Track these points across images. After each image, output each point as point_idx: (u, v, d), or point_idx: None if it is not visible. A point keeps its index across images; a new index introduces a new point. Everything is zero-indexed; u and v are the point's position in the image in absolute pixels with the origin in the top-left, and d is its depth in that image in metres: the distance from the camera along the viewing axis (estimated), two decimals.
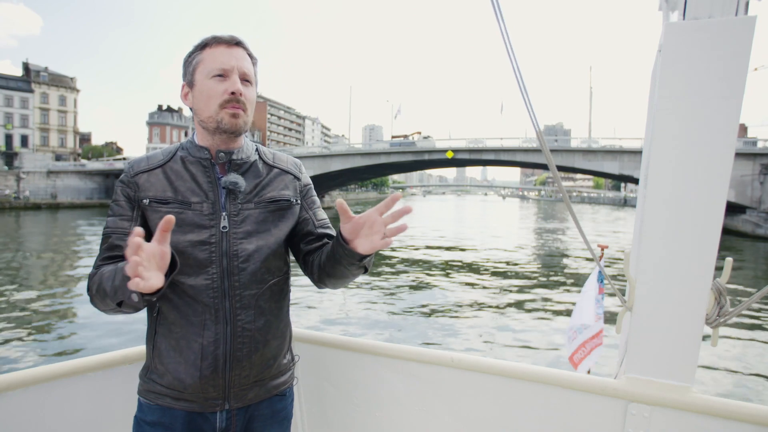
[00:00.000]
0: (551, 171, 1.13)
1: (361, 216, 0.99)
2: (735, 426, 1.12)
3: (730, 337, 7.23)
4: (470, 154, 40.09)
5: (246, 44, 1.10)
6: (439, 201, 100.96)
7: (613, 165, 32.71)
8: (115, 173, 50.13)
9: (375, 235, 0.97)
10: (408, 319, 8.10)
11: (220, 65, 1.04)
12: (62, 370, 1.30)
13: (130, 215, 1.06)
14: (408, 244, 18.17)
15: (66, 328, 7.41)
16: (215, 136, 1.09)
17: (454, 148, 40.32)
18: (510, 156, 38.45)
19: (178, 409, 1.06)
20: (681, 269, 1.16)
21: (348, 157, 42.74)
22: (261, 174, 1.14)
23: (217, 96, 1.04)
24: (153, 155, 1.11)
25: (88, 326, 7.37)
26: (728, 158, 1.10)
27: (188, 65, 1.09)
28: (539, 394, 1.30)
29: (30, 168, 48.40)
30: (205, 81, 1.05)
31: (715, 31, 1.08)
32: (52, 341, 6.82)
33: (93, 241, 18.06)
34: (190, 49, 1.09)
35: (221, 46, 1.06)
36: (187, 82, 1.10)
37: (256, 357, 1.10)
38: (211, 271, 1.05)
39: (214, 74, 1.05)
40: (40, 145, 61.26)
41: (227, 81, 1.05)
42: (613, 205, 79.51)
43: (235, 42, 1.07)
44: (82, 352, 6.25)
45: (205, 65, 1.06)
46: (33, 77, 61.49)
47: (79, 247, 17.65)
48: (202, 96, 1.06)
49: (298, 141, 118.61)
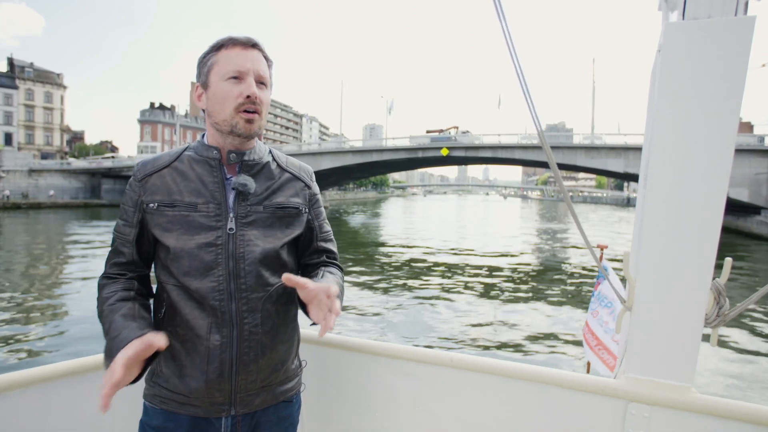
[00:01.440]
0: (552, 169, 1.13)
1: (311, 289, 0.97)
2: (735, 426, 1.14)
3: (730, 337, 7.30)
4: (466, 151, 38.12)
5: (262, 46, 1.09)
6: (440, 201, 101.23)
7: (617, 162, 31.04)
8: (102, 172, 49.30)
9: (322, 311, 0.97)
10: (407, 321, 8.09)
11: (236, 67, 1.04)
12: (62, 370, 1.31)
13: (132, 221, 1.07)
14: (406, 244, 18.24)
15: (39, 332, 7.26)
16: (227, 138, 1.09)
17: (449, 145, 38.40)
18: (508, 153, 36.58)
19: (184, 414, 1.06)
20: (681, 269, 1.18)
21: (339, 155, 40.92)
22: (273, 176, 1.14)
23: (232, 99, 1.04)
24: (159, 156, 1.12)
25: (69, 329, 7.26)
26: (728, 158, 1.11)
27: (203, 66, 1.08)
28: (539, 394, 1.32)
29: (11, 166, 46.71)
30: (220, 83, 1.05)
31: (714, 31, 1.10)
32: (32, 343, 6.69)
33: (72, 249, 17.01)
34: (206, 49, 1.08)
35: (237, 48, 1.05)
36: (202, 83, 1.09)
37: (263, 361, 1.10)
38: (217, 273, 1.04)
39: (229, 76, 1.04)
40: (24, 143, 60.28)
41: (243, 84, 1.04)
42: (616, 205, 78.38)
43: (251, 44, 1.07)
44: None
45: (220, 67, 1.05)
46: (18, 73, 60.79)
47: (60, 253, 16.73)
48: (216, 98, 1.06)
49: (295, 140, 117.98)
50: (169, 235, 1.04)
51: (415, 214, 44.64)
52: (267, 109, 1.10)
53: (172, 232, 1.04)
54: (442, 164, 51.15)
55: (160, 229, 1.05)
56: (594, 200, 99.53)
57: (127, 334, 0.94)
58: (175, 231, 1.04)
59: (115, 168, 49.70)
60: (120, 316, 1.00)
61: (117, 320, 0.99)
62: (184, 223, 1.04)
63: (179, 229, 1.04)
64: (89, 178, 50.03)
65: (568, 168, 37.09)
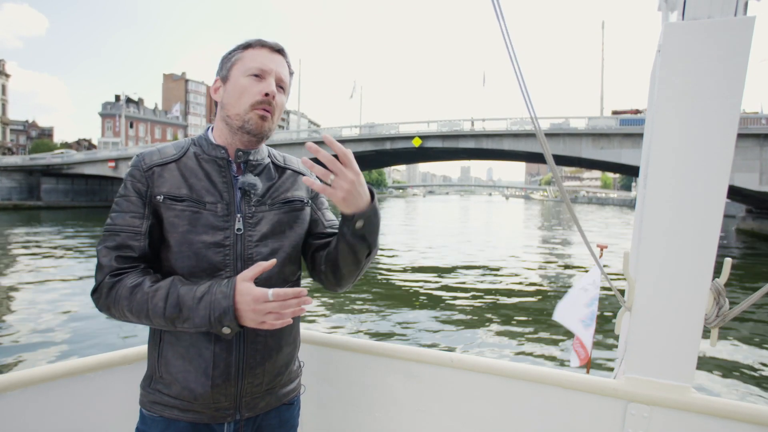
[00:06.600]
0: (547, 160, 1.10)
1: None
2: (734, 426, 1.16)
3: (730, 337, 7.32)
4: (443, 141, 32.01)
5: (287, 55, 1.13)
6: (441, 202, 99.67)
7: (633, 154, 24.44)
8: (40, 170, 43.24)
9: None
10: (408, 323, 8.00)
11: (260, 65, 1.07)
12: (61, 371, 1.33)
13: (142, 212, 1.04)
14: (405, 266, 17.24)
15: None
16: (236, 136, 1.10)
17: (422, 134, 32.30)
18: (495, 143, 30.26)
19: (185, 420, 1.05)
20: (680, 269, 1.20)
21: (292, 147, 35.52)
22: (273, 176, 1.16)
23: (250, 94, 1.06)
24: (163, 148, 1.10)
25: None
26: (727, 158, 1.13)
27: (226, 61, 1.10)
28: (539, 395, 1.34)
29: None
30: (240, 78, 1.07)
31: (714, 31, 1.12)
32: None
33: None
34: (232, 47, 1.11)
35: (264, 50, 1.09)
36: (222, 77, 1.11)
37: (269, 364, 1.10)
38: (224, 274, 1.04)
39: (251, 73, 1.06)
40: None
41: (263, 82, 1.07)
42: (623, 206, 77.61)
43: (278, 48, 1.11)
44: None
45: (244, 63, 1.08)
46: None
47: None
48: (234, 91, 1.07)
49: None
50: (173, 230, 1.03)
51: (414, 215, 43.58)
52: (280, 113, 1.11)
53: (177, 227, 1.03)
54: (420, 160, 47.30)
55: (166, 223, 1.04)
56: (599, 201, 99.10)
57: (216, 285, 0.98)
58: (180, 227, 1.03)
59: (54, 165, 42.99)
60: (180, 286, 0.99)
61: (182, 290, 0.98)
62: (191, 220, 1.03)
63: (185, 225, 1.03)
64: (26, 177, 43.20)
65: (570, 162, 31.78)
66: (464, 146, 31.92)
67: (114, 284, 1.01)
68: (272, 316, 0.95)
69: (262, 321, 0.95)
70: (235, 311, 0.95)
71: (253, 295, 0.94)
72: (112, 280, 1.01)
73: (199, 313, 0.96)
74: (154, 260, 1.08)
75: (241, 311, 0.95)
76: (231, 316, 0.95)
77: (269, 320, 0.95)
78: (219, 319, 0.95)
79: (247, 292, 0.95)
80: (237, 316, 0.95)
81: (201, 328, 0.98)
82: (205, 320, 0.96)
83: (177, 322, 0.98)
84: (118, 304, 1.00)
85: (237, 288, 0.96)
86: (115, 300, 1.00)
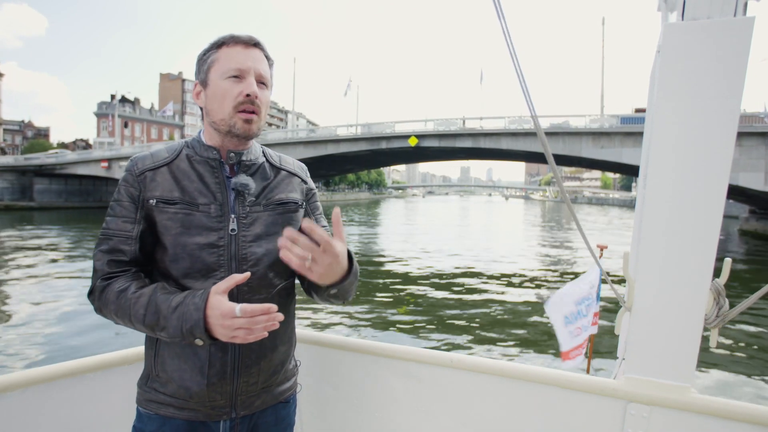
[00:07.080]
0: (547, 159, 1.11)
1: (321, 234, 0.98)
2: (734, 426, 1.16)
3: (730, 338, 7.34)
4: (440, 140, 31.56)
5: (263, 45, 1.10)
6: (440, 202, 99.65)
7: (635, 153, 24.29)
8: (33, 170, 42.44)
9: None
10: (408, 323, 8.02)
11: (237, 65, 1.04)
12: (60, 371, 1.33)
13: (134, 217, 1.05)
14: (403, 272, 16.92)
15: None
16: (225, 138, 1.10)
17: (418, 133, 31.78)
18: (493, 142, 29.69)
19: (181, 418, 1.06)
20: (680, 270, 1.20)
21: (287, 146, 34.60)
22: (268, 176, 1.15)
23: (231, 98, 1.04)
24: (157, 152, 1.11)
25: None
26: (727, 158, 1.13)
27: (202, 63, 1.08)
28: (539, 395, 1.35)
29: None
30: (219, 81, 1.05)
31: (713, 31, 1.12)
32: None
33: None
34: (206, 46, 1.08)
35: (238, 46, 1.06)
36: (201, 81, 1.09)
37: (265, 363, 1.11)
38: (219, 275, 1.04)
39: (229, 75, 1.04)
40: None
41: (243, 83, 1.05)
42: (623, 207, 77.64)
43: (253, 42, 1.07)
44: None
45: (220, 65, 1.05)
46: None
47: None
48: (215, 97, 1.06)
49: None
50: (167, 233, 1.04)
51: (415, 216, 43.68)
52: (266, 109, 1.10)
53: (170, 230, 1.04)
54: (418, 160, 46.23)
55: (159, 226, 1.05)
56: (600, 201, 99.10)
57: (190, 296, 0.97)
58: (173, 229, 1.04)
59: (47, 165, 42.13)
60: (160, 294, 0.99)
61: (160, 298, 0.99)
62: (184, 222, 1.04)
63: (178, 227, 1.04)
64: (18, 177, 42.23)
65: (570, 162, 31.70)
66: (461, 145, 31.56)
67: (105, 288, 1.03)
68: (242, 331, 0.94)
69: (232, 335, 0.94)
70: (205, 324, 0.95)
71: (221, 310, 0.94)
72: (103, 283, 1.04)
73: (172, 323, 0.97)
74: (147, 263, 1.09)
75: (212, 324, 0.95)
76: (201, 328, 0.95)
77: (240, 335, 0.94)
78: (190, 331, 0.95)
79: (217, 306, 0.94)
80: (208, 329, 0.95)
81: (175, 338, 0.98)
82: (178, 331, 0.96)
83: (156, 329, 0.99)
84: (107, 308, 1.02)
85: (209, 301, 0.95)
86: (105, 303, 1.03)
